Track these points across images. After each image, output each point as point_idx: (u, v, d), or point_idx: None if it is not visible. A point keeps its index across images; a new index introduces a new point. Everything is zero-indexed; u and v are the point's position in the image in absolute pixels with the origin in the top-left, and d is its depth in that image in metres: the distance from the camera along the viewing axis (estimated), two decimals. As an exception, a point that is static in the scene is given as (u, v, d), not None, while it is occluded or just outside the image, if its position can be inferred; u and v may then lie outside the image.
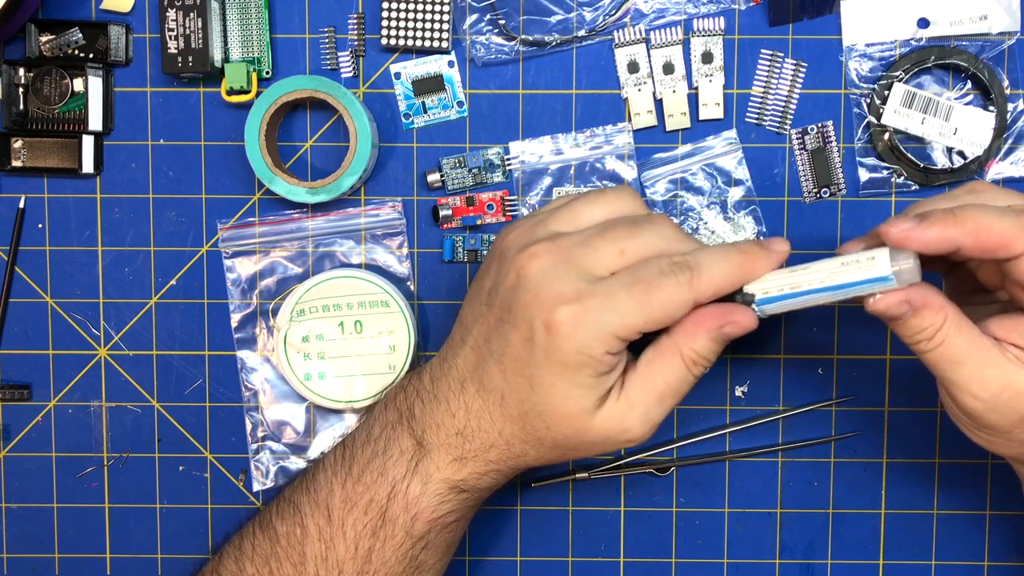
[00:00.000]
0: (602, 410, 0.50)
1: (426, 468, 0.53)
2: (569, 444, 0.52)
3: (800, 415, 0.65)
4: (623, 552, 0.66)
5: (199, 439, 0.65)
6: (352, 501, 0.54)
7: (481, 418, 0.52)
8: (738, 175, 0.64)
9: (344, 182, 0.61)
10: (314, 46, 0.64)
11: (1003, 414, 0.48)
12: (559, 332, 0.48)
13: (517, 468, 0.54)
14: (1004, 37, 0.62)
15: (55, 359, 0.65)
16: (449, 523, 0.55)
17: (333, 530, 0.54)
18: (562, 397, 0.50)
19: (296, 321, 0.63)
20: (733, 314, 0.49)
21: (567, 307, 0.48)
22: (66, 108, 0.63)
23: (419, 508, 0.53)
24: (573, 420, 0.50)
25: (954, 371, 0.48)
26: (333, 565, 0.54)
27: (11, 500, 0.66)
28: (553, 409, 0.50)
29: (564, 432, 0.51)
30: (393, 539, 0.54)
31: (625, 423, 0.51)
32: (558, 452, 0.53)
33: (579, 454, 0.53)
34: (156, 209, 0.65)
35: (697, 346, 0.49)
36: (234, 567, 0.55)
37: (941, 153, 0.63)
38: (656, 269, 0.49)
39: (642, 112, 0.63)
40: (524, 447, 0.52)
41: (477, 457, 0.53)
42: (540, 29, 0.63)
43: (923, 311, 0.47)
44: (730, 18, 0.63)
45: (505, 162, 0.63)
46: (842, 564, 0.65)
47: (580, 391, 0.49)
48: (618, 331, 0.48)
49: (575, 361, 0.49)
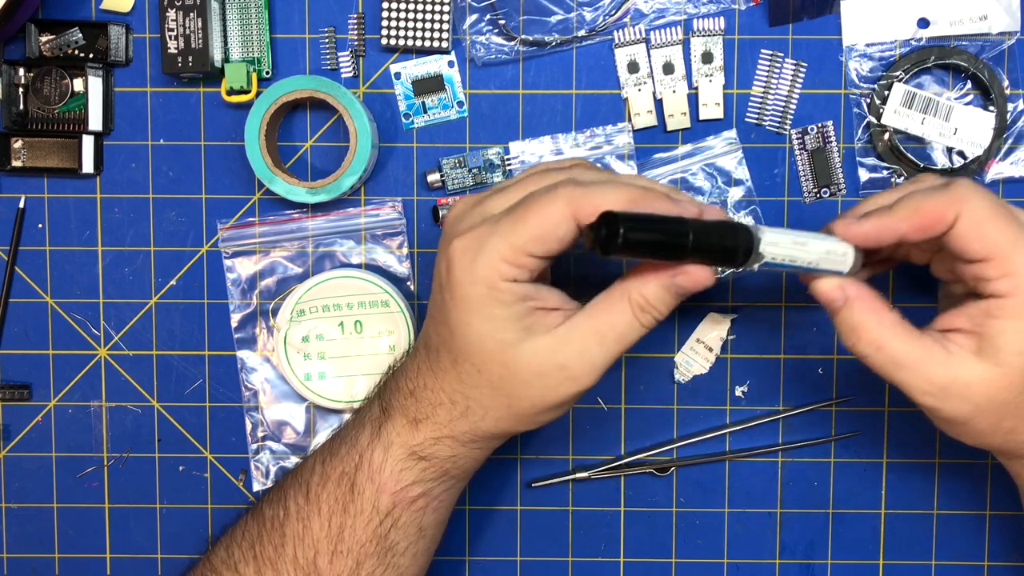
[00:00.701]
0: (530, 343, 0.49)
1: (387, 434, 0.54)
2: (505, 386, 0.50)
3: (800, 415, 0.65)
4: (623, 552, 0.66)
5: (199, 439, 0.65)
6: (327, 475, 0.55)
7: (426, 377, 0.53)
8: (738, 175, 0.64)
9: (344, 182, 0.61)
10: (314, 46, 0.64)
11: (956, 406, 0.49)
12: (454, 265, 0.49)
13: (474, 435, 0.53)
14: (1004, 37, 0.62)
15: (55, 359, 0.65)
16: (414, 498, 0.54)
17: (310, 507, 0.54)
18: (477, 333, 0.49)
19: (296, 321, 0.63)
20: (690, 273, 0.48)
21: (458, 240, 0.49)
22: (66, 108, 0.63)
23: (383, 479, 0.53)
24: (497, 355, 0.49)
25: (898, 373, 0.49)
26: (309, 544, 0.54)
27: (11, 500, 0.66)
28: (474, 348, 0.50)
29: (495, 371, 0.50)
30: (362, 515, 0.54)
31: (559, 357, 0.49)
32: (501, 401, 0.51)
33: (525, 404, 0.51)
34: (156, 209, 0.65)
35: (647, 291, 0.48)
36: (223, 553, 0.56)
37: (941, 153, 0.63)
38: (539, 191, 0.49)
39: (642, 112, 0.63)
40: (466, 401, 0.52)
41: (428, 419, 0.53)
42: (540, 29, 0.63)
43: (854, 303, 0.49)
44: (730, 18, 0.63)
45: (505, 162, 0.63)
46: (842, 564, 0.65)
47: (493, 324, 0.49)
48: (504, 253, 0.48)
49: (476, 294, 0.48)
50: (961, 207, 0.48)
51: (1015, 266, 0.47)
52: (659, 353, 0.65)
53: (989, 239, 0.47)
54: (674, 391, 0.65)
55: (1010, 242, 0.47)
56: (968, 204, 0.48)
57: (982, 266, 0.48)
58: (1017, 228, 0.48)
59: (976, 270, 0.48)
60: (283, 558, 0.54)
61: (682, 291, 0.48)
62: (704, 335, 0.64)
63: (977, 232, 0.47)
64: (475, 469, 0.56)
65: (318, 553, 0.54)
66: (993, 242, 0.47)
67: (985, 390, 0.48)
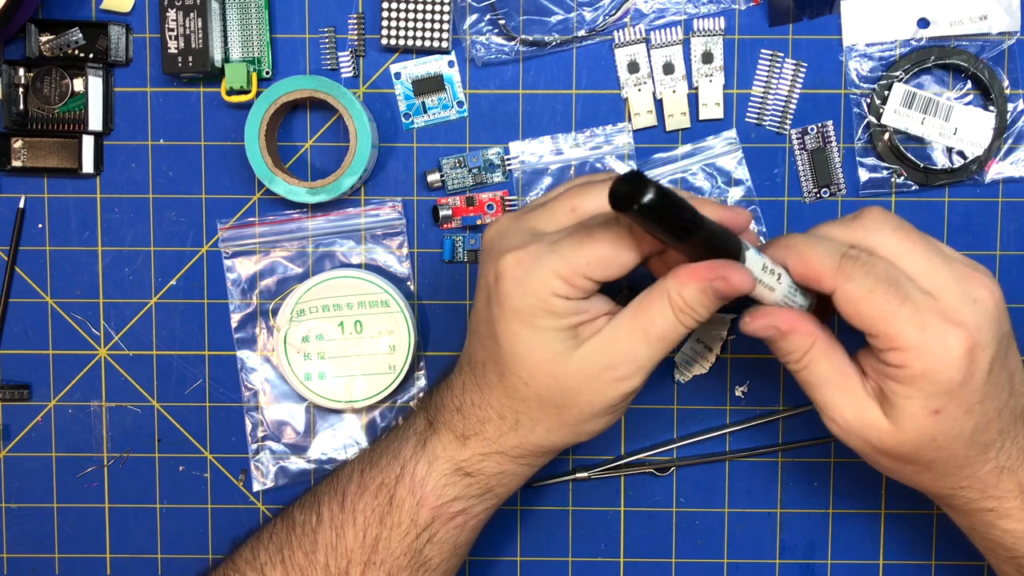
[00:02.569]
0: (580, 351, 0.49)
1: (433, 448, 0.54)
2: (555, 398, 0.50)
3: (800, 415, 0.65)
4: (623, 552, 0.66)
5: (199, 439, 0.65)
6: (365, 485, 0.54)
7: (472, 392, 0.53)
8: (738, 175, 0.64)
9: (344, 182, 0.61)
10: (314, 46, 0.64)
11: (858, 443, 0.50)
12: (505, 278, 0.49)
13: (524, 449, 0.53)
14: (1004, 37, 0.62)
15: (55, 359, 0.65)
16: (454, 514, 0.54)
17: (344, 516, 0.54)
18: (527, 345, 0.49)
19: (296, 321, 0.63)
20: (727, 269, 0.47)
21: (511, 254, 0.49)
22: (66, 108, 0.63)
23: (424, 492, 0.53)
24: (545, 366, 0.49)
25: (815, 392, 0.50)
26: (342, 553, 0.54)
27: (11, 500, 0.66)
28: (523, 360, 0.49)
29: (542, 382, 0.50)
30: (399, 527, 0.53)
31: (608, 358, 0.49)
32: (550, 412, 0.51)
33: (575, 411, 0.51)
34: (156, 209, 0.65)
35: (686, 293, 0.48)
36: (249, 555, 0.56)
37: (941, 153, 0.63)
38: (601, 218, 0.49)
39: (642, 112, 0.63)
40: (516, 416, 0.52)
41: (477, 435, 0.53)
42: (540, 29, 0.63)
43: (790, 335, 0.49)
44: (730, 18, 0.63)
45: (505, 162, 0.63)
46: (842, 564, 0.65)
47: (543, 335, 0.49)
48: (560, 270, 0.47)
49: (527, 306, 0.48)
50: (839, 281, 0.47)
51: (901, 340, 0.46)
52: (659, 353, 0.65)
53: (867, 317, 0.47)
54: (674, 391, 0.65)
55: (890, 318, 0.46)
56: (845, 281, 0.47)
57: (872, 339, 0.48)
58: (897, 299, 0.46)
59: (869, 340, 0.48)
60: (314, 565, 0.54)
61: (720, 295, 0.48)
62: (704, 335, 0.64)
63: (854, 310, 0.47)
64: (517, 487, 0.56)
65: (351, 563, 0.54)
66: (871, 320, 0.47)
67: (881, 438, 0.49)
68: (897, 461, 0.50)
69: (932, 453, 0.49)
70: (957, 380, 0.46)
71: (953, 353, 0.46)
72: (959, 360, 0.46)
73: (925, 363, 0.46)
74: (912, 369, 0.46)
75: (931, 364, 0.46)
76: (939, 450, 0.49)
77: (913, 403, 0.47)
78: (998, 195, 0.63)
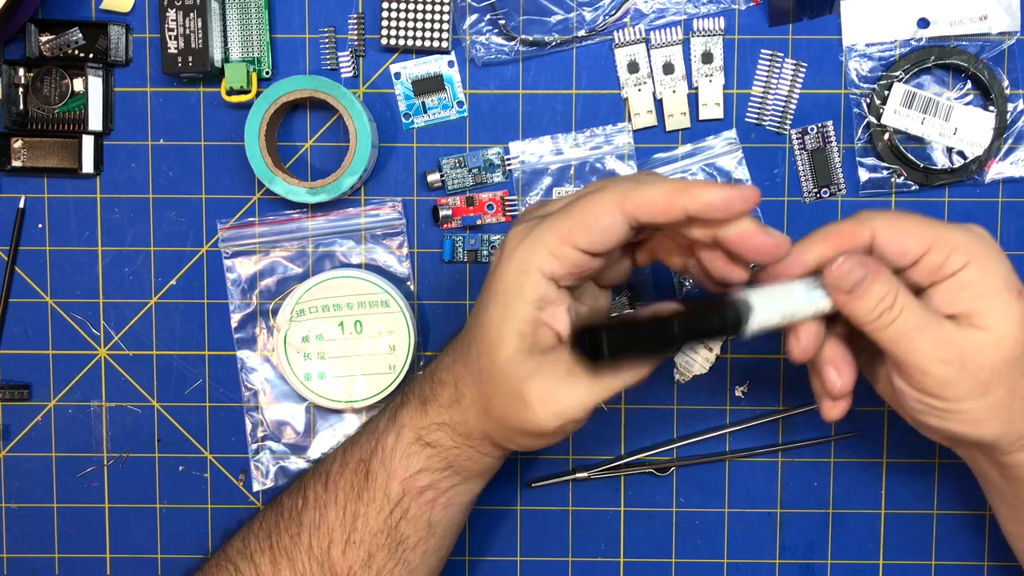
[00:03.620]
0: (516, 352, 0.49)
1: (400, 418, 0.55)
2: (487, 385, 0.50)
3: (800, 415, 0.65)
4: (623, 552, 0.66)
5: (199, 439, 0.65)
6: (345, 463, 0.56)
7: (447, 358, 0.54)
8: (738, 175, 0.64)
9: (344, 182, 0.61)
10: (314, 46, 0.64)
11: (973, 372, 0.49)
12: (504, 249, 0.50)
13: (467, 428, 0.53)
14: (1004, 37, 0.62)
15: (55, 359, 0.65)
16: (421, 489, 0.54)
17: (328, 496, 0.55)
18: (490, 317, 0.50)
19: (296, 321, 0.63)
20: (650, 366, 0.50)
21: (514, 228, 0.50)
22: (66, 108, 0.63)
23: (393, 464, 0.54)
24: (492, 346, 0.49)
25: (920, 338, 0.49)
26: (324, 533, 0.54)
27: (11, 500, 0.66)
28: (483, 334, 0.50)
29: (484, 363, 0.50)
30: (375, 503, 0.54)
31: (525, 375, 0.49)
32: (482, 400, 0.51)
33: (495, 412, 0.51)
34: (156, 209, 0.65)
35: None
36: (240, 544, 0.57)
37: (941, 153, 0.63)
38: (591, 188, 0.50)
39: (642, 112, 0.63)
40: (464, 387, 0.52)
41: (435, 400, 0.54)
42: (540, 29, 0.63)
43: (879, 275, 0.49)
44: (730, 18, 0.63)
45: (505, 162, 0.63)
46: (842, 564, 0.65)
47: (503, 315, 0.49)
48: (549, 242, 0.48)
49: (509, 281, 0.49)
50: (872, 224, 0.50)
51: (953, 240, 0.49)
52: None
53: (915, 233, 0.49)
54: (674, 391, 0.65)
55: (933, 227, 0.50)
56: (878, 218, 0.50)
57: (928, 256, 0.49)
58: (925, 218, 0.50)
59: (925, 263, 0.50)
60: (298, 547, 0.55)
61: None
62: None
63: (901, 234, 0.49)
64: (482, 472, 0.56)
65: (332, 542, 0.54)
66: (921, 233, 0.49)
67: (998, 353, 0.49)
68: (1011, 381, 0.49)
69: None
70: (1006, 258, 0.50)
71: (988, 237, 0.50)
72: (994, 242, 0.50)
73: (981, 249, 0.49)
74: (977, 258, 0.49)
75: (985, 248, 0.49)
76: None
77: (999, 294, 0.49)
78: (998, 195, 0.63)
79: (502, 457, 0.56)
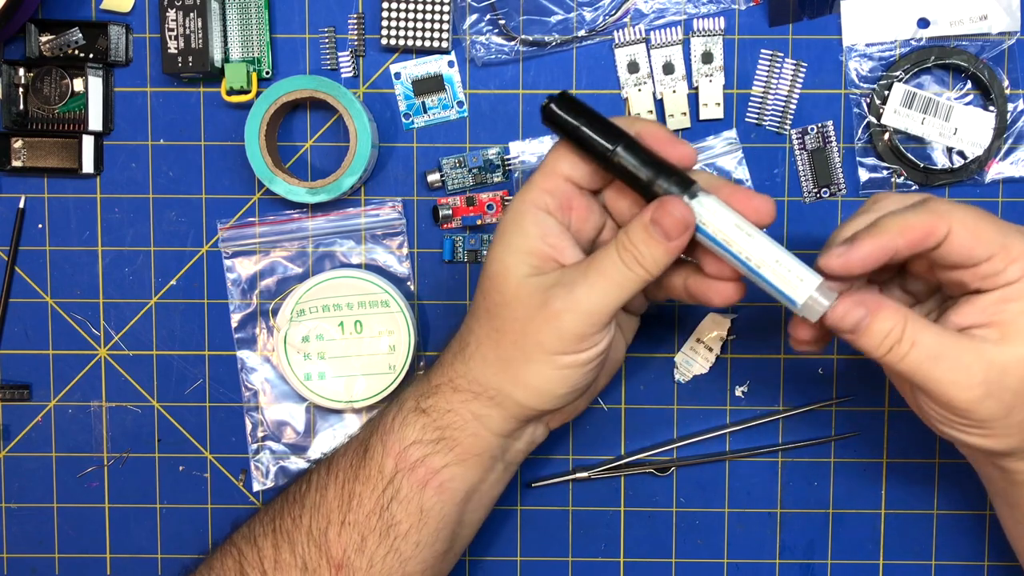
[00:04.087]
0: (534, 279, 0.50)
1: (403, 392, 0.56)
2: (499, 317, 0.51)
3: (800, 415, 0.65)
4: (623, 552, 0.66)
5: (199, 439, 0.65)
6: (349, 445, 0.56)
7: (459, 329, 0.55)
8: (738, 175, 0.64)
9: (344, 182, 0.61)
10: (314, 46, 0.64)
11: (998, 396, 0.48)
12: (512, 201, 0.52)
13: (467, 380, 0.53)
14: (1004, 37, 0.62)
15: (55, 359, 0.65)
16: (413, 464, 0.54)
17: (329, 476, 0.55)
18: (492, 257, 0.51)
19: (296, 321, 0.63)
20: (665, 203, 0.48)
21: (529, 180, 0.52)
22: (66, 108, 0.63)
23: (390, 438, 0.54)
24: (498, 279, 0.51)
25: (936, 368, 0.48)
26: (323, 514, 0.54)
27: (11, 500, 0.66)
28: (487, 272, 0.52)
29: (493, 297, 0.51)
30: (369, 481, 0.54)
31: (546, 294, 0.50)
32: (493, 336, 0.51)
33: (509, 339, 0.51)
34: (156, 209, 0.65)
35: (629, 229, 0.49)
36: (246, 530, 0.57)
37: (941, 153, 0.63)
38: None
39: (642, 112, 0.63)
40: (469, 335, 0.53)
41: (438, 364, 0.54)
42: (540, 29, 0.63)
43: (880, 312, 0.48)
44: (730, 18, 0.63)
45: (505, 162, 0.63)
46: (842, 564, 0.65)
47: (506, 250, 0.51)
48: (539, 181, 0.51)
49: (507, 222, 0.51)
50: (950, 219, 0.49)
51: (1016, 250, 0.49)
52: (659, 353, 0.65)
53: (987, 238, 0.49)
54: (674, 391, 0.65)
55: (1005, 234, 0.49)
56: (955, 215, 0.49)
57: (989, 263, 0.49)
58: (1000, 222, 0.50)
59: (983, 269, 0.49)
60: (299, 529, 0.55)
61: (662, 230, 0.48)
62: (704, 335, 0.64)
63: (974, 237, 0.49)
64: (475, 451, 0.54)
65: (330, 524, 0.54)
66: (991, 240, 0.49)
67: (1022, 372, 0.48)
68: None
69: None
70: None
71: None
72: None
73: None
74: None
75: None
76: None
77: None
78: (998, 195, 0.63)
79: (498, 433, 0.54)
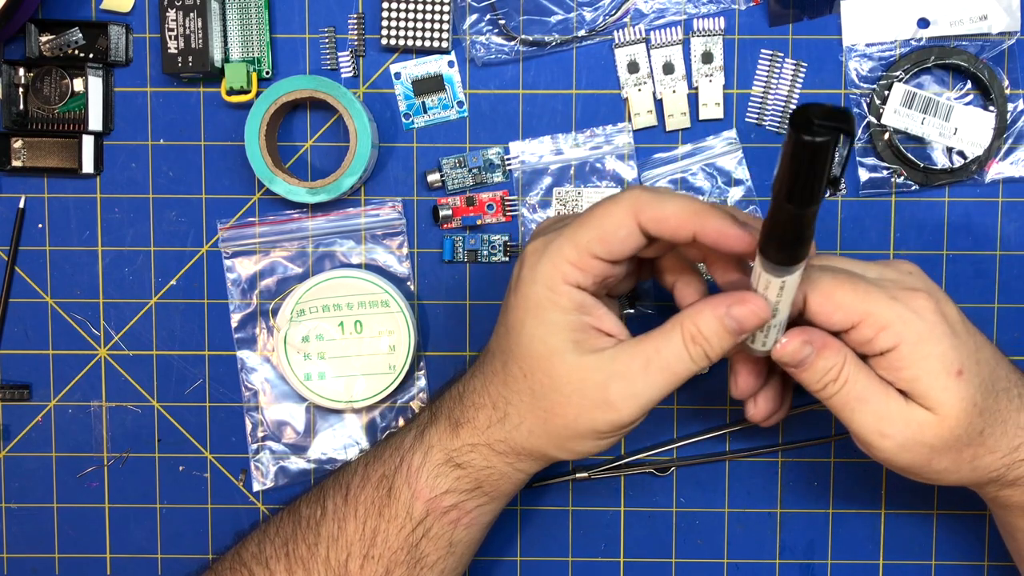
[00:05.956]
0: (577, 358, 0.49)
1: (429, 437, 0.54)
2: (546, 398, 0.50)
3: (800, 415, 0.65)
4: (623, 552, 0.66)
5: (199, 439, 0.65)
6: (368, 477, 0.55)
7: (477, 379, 0.53)
8: (738, 175, 0.64)
9: (344, 182, 0.61)
10: (314, 46, 0.64)
11: (915, 450, 0.49)
12: (523, 266, 0.50)
13: (508, 446, 0.52)
14: (1004, 37, 0.62)
15: (55, 359, 0.65)
16: (446, 509, 0.54)
17: (347, 508, 0.55)
18: (529, 335, 0.49)
19: (296, 321, 0.63)
20: (744, 296, 0.47)
21: (532, 243, 0.51)
22: (66, 108, 0.63)
23: (418, 484, 0.53)
24: (543, 361, 0.49)
25: (861, 410, 0.49)
26: (343, 546, 0.54)
27: (11, 500, 0.66)
28: (524, 351, 0.50)
29: (538, 378, 0.50)
30: (396, 520, 0.54)
31: (600, 377, 0.48)
32: (538, 413, 0.50)
33: (559, 421, 0.50)
34: (156, 209, 0.65)
35: (700, 322, 0.48)
36: (255, 549, 0.56)
37: (941, 153, 0.63)
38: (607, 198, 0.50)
39: (642, 112, 0.63)
40: (506, 407, 0.52)
41: (469, 423, 0.53)
42: (540, 29, 0.63)
43: (825, 351, 0.48)
44: (730, 18, 0.63)
45: (505, 162, 0.63)
46: (842, 564, 0.65)
47: (546, 328, 0.49)
48: (567, 253, 0.48)
49: (535, 294, 0.49)
50: (805, 286, 0.48)
51: (883, 318, 0.47)
52: (659, 353, 0.65)
53: (845, 305, 0.47)
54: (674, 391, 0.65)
55: (867, 300, 0.47)
56: (816, 281, 0.48)
57: (857, 331, 0.48)
58: (863, 286, 0.48)
59: (853, 337, 0.48)
60: (315, 558, 0.54)
61: (736, 323, 0.47)
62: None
63: (831, 304, 0.48)
64: (509, 491, 0.56)
65: (350, 556, 0.54)
66: (850, 307, 0.47)
67: (938, 432, 0.48)
68: (956, 452, 0.49)
69: (979, 420, 0.49)
70: (949, 332, 0.48)
71: (929, 310, 0.48)
72: (936, 315, 0.48)
73: (914, 329, 0.47)
74: (908, 340, 0.47)
75: (919, 328, 0.47)
76: (983, 413, 0.49)
77: (936, 376, 0.47)
78: (998, 195, 0.63)
79: (535, 472, 0.55)
